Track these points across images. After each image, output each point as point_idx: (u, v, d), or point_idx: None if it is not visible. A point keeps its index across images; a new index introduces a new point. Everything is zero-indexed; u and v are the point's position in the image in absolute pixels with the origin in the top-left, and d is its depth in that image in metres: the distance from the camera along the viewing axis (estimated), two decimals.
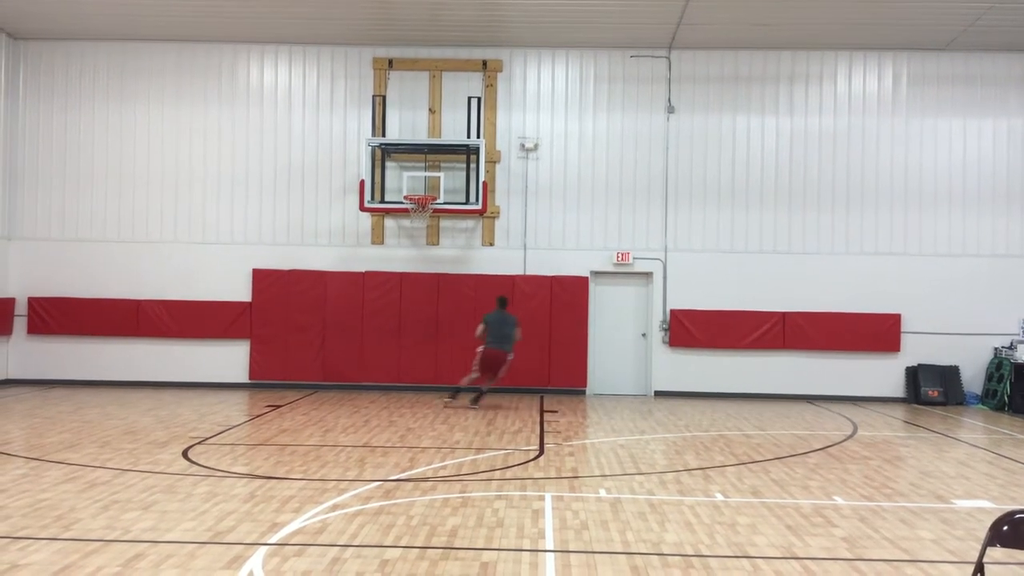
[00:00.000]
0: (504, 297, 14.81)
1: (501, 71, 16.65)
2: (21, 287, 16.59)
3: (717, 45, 16.43)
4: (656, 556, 6.33)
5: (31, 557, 6.01)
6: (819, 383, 16.28)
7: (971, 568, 6.13)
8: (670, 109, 16.55)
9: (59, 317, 16.42)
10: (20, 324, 16.53)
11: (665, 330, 16.45)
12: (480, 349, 14.25)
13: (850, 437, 12.07)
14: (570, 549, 6.46)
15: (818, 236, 16.51)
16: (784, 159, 16.60)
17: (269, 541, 6.51)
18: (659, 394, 16.39)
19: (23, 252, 16.63)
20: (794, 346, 16.26)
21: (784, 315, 16.26)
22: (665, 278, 16.54)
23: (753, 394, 16.26)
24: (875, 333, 16.24)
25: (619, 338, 16.74)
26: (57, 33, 16.49)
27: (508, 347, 14.26)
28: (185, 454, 9.89)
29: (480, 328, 14.34)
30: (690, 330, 16.33)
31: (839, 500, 8.22)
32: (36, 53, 16.79)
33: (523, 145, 16.58)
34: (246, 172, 16.69)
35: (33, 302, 16.46)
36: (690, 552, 6.45)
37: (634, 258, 16.55)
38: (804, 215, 16.53)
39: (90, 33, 16.44)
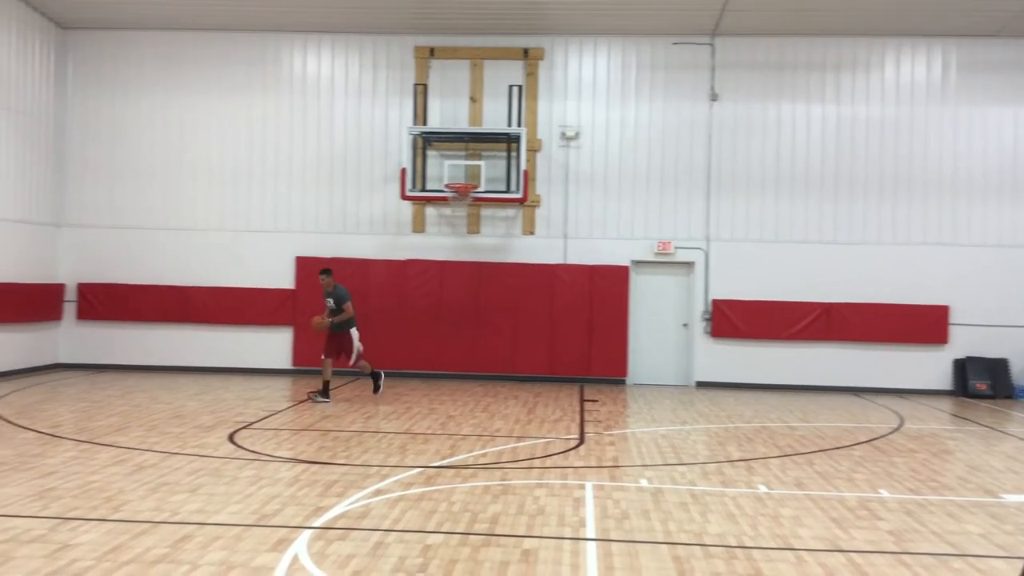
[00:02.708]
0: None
1: (542, 59, 16.59)
2: (71, 273, 16.92)
3: (762, 32, 16.21)
4: (698, 547, 6.30)
5: (82, 538, 6.14)
6: (864, 375, 16.06)
7: (1021, 563, 6.03)
8: (713, 97, 16.38)
9: (108, 303, 16.73)
10: (70, 310, 16.87)
11: (707, 320, 16.33)
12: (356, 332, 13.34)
13: (896, 430, 11.90)
14: (611, 538, 6.45)
15: (864, 226, 16.27)
16: (830, 148, 16.36)
17: (313, 525, 6.59)
18: (700, 385, 16.28)
19: (72, 239, 16.95)
20: (839, 337, 16.05)
21: (829, 306, 16.06)
22: (707, 268, 16.41)
23: (797, 386, 16.09)
24: (922, 325, 15.98)
25: (660, 328, 16.65)
26: (104, 22, 16.74)
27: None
28: (231, 438, 10.03)
29: (350, 304, 13.23)
30: (733, 320, 16.20)
31: (885, 493, 8.11)
32: (84, 42, 17.06)
33: (564, 134, 16.52)
34: (289, 160, 16.84)
35: (83, 288, 16.79)
36: (733, 543, 6.41)
37: (675, 247, 16.44)
38: (850, 205, 16.29)
39: (137, 22, 16.67)
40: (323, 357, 13.26)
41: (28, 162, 15.98)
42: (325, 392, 13.12)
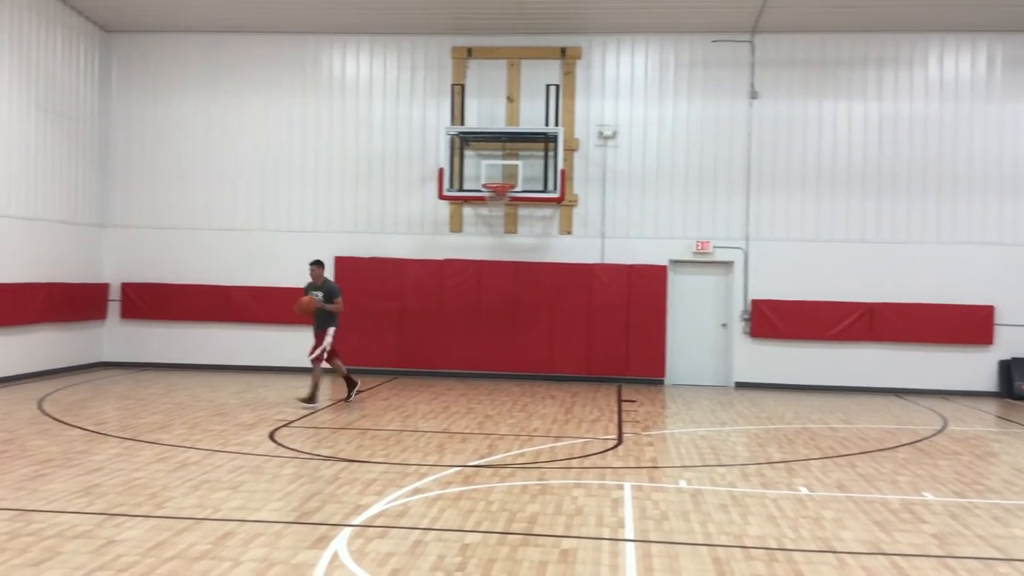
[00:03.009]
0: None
1: (580, 58, 16.55)
2: (115, 273, 17.20)
3: (802, 28, 16.03)
4: (739, 549, 6.25)
5: (126, 534, 6.24)
6: (907, 376, 15.81)
7: None
8: (753, 95, 16.23)
9: (151, 302, 16.98)
10: (114, 309, 17.15)
11: (746, 320, 16.18)
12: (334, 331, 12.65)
13: (940, 432, 11.71)
14: (650, 539, 6.42)
15: (907, 225, 16.02)
16: (872, 145, 16.14)
17: (353, 523, 6.63)
18: (740, 385, 16.14)
19: (116, 240, 17.23)
20: (881, 338, 15.82)
21: (871, 306, 15.84)
22: (746, 267, 16.26)
23: (838, 387, 15.89)
24: (967, 325, 15.69)
25: (698, 328, 16.53)
26: (147, 26, 16.99)
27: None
28: (271, 436, 10.14)
29: (341, 301, 12.64)
30: (772, 320, 16.03)
31: (929, 496, 7.98)
32: (127, 46, 17.33)
33: (601, 133, 16.47)
34: (328, 161, 16.97)
35: (126, 288, 17.06)
36: (773, 546, 6.35)
37: (714, 247, 16.32)
38: (893, 203, 16.05)
39: (179, 26, 16.90)
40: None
41: (74, 164, 16.27)
42: (313, 397, 12.37)
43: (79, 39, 16.38)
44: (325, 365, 12.56)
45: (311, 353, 12.54)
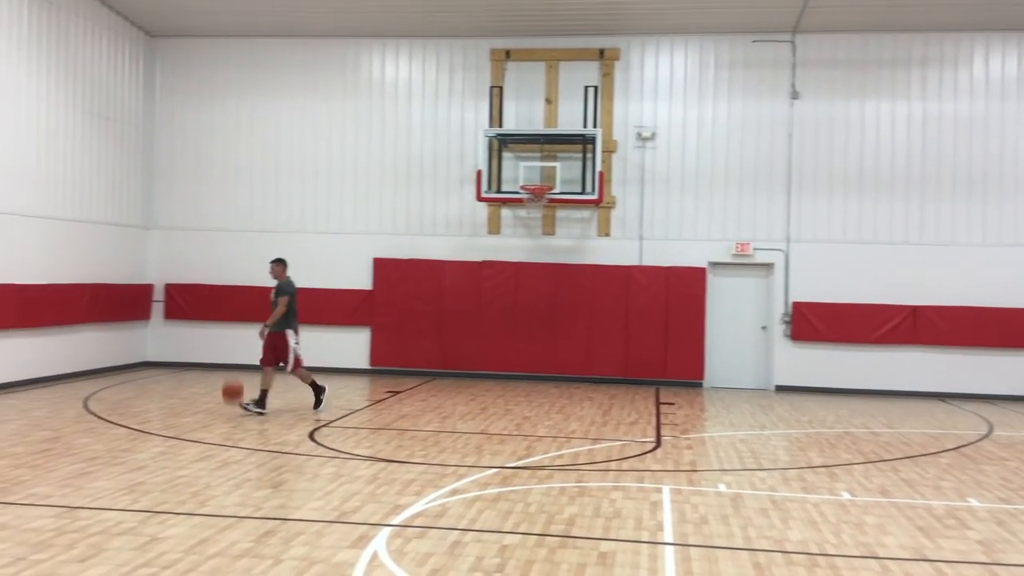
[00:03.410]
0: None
1: (618, 59, 16.50)
2: (159, 274, 17.47)
3: (844, 28, 15.84)
4: (779, 554, 6.19)
5: (170, 531, 6.33)
6: (952, 380, 15.54)
7: None
8: (794, 95, 16.06)
9: (193, 303, 17.22)
10: (158, 309, 17.41)
11: (787, 323, 16.02)
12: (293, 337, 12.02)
13: (985, 437, 11.50)
14: (690, 543, 6.38)
15: (952, 226, 15.75)
16: (915, 146, 15.89)
17: (392, 522, 6.67)
18: (780, 389, 15.98)
19: (160, 241, 17.50)
20: (925, 341, 15.57)
21: (915, 309, 15.60)
22: (787, 269, 16.10)
23: (880, 390, 15.66)
24: (1012, 328, 15.37)
25: (738, 331, 16.39)
26: (191, 30, 17.25)
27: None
28: (311, 436, 10.23)
29: (287, 299, 12.01)
30: (813, 323, 15.85)
31: (974, 502, 7.85)
32: (171, 50, 17.60)
33: (640, 134, 16.40)
34: (368, 163, 17.09)
35: (170, 288, 17.32)
36: (815, 551, 6.28)
37: (754, 249, 16.18)
38: (937, 204, 15.79)
39: (221, 30, 17.12)
40: (261, 365, 11.92)
41: (119, 167, 16.56)
42: (261, 402, 11.65)
43: (124, 44, 16.66)
44: (276, 367, 11.85)
45: (288, 368, 11.81)
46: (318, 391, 12.14)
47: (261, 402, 11.68)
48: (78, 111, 15.34)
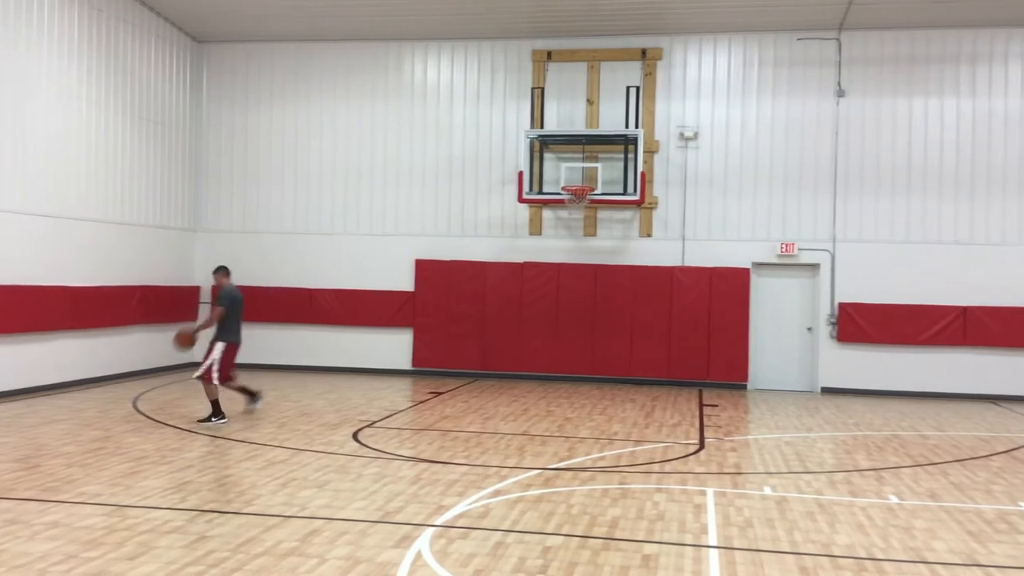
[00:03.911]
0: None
1: (661, 59, 16.41)
2: (205, 276, 17.66)
3: (891, 25, 15.59)
4: (826, 558, 6.10)
5: (217, 530, 6.41)
6: (1003, 382, 15.22)
7: None
8: (840, 93, 15.84)
9: None
10: (204, 311, 17.61)
11: (833, 324, 15.80)
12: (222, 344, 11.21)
13: None
14: (734, 546, 6.32)
15: (1003, 225, 15.42)
16: (965, 144, 15.59)
17: (435, 523, 6.70)
18: (826, 391, 15.76)
19: (206, 243, 17.77)
20: (975, 343, 15.26)
21: (965, 309, 15.30)
22: (833, 270, 15.88)
23: (929, 392, 15.39)
24: None
25: (782, 332, 16.21)
26: (236, 36, 17.49)
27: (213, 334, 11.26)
28: (355, 436, 10.31)
29: (222, 310, 11.25)
30: (860, 324, 15.61)
31: None
32: (217, 55, 17.86)
33: (682, 134, 16.29)
34: (410, 165, 17.18)
35: (216, 290, 17.51)
36: (863, 555, 6.18)
37: (799, 249, 15.98)
38: (987, 203, 15.48)
39: (267, 35, 17.34)
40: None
41: (166, 171, 16.84)
42: (216, 412, 10.93)
43: (172, 49, 16.94)
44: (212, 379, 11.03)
45: (197, 372, 11.08)
46: (216, 411, 10.91)
47: (216, 412, 10.93)
48: (127, 116, 15.64)
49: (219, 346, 11.12)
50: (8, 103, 12.93)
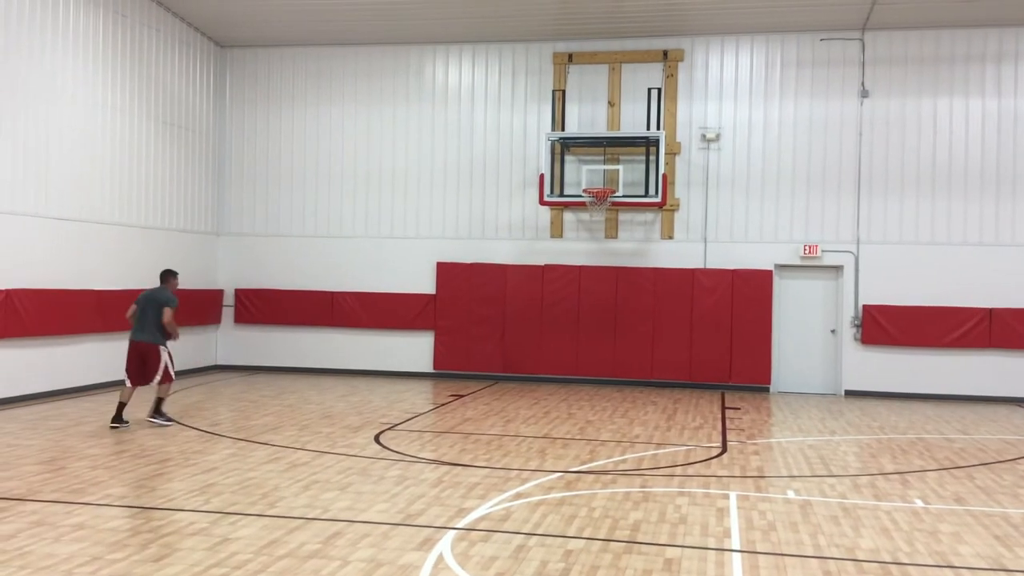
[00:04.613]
0: (167, 270, 11.51)
1: (682, 60, 16.36)
2: (228, 279, 17.86)
3: (916, 24, 15.46)
4: (850, 562, 6.05)
5: (240, 532, 6.45)
6: None
7: None
8: (863, 93, 15.72)
9: (262, 307, 17.55)
10: (228, 314, 17.79)
11: (857, 326, 15.67)
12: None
13: None
14: (758, 550, 6.28)
15: None
16: (991, 144, 15.43)
17: (457, 526, 6.70)
18: (850, 393, 15.64)
19: (230, 247, 17.89)
20: (1001, 345, 15.09)
21: (991, 311, 15.13)
22: (857, 271, 15.75)
23: (955, 395, 15.23)
24: None
25: (806, 334, 16.10)
26: (259, 40, 17.61)
27: (152, 337, 10.86)
28: (377, 439, 10.34)
29: (132, 309, 11.06)
30: (885, 327, 15.48)
31: None
32: (240, 60, 17.99)
33: (704, 135, 16.23)
34: (431, 168, 17.22)
35: (239, 293, 17.68)
36: (888, 559, 6.12)
37: (822, 251, 15.87)
38: (1014, 203, 15.30)
39: (288, 40, 17.45)
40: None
41: (190, 175, 16.98)
42: (157, 411, 11.04)
43: (196, 54, 17.09)
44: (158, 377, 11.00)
45: (154, 379, 10.90)
46: (119, 416, 10.75)
47: (157, 412, 11.05)
48: (151, 121, 15.78)
49: (166, 348, 10.98)
50: (34, 109, 13.09)
